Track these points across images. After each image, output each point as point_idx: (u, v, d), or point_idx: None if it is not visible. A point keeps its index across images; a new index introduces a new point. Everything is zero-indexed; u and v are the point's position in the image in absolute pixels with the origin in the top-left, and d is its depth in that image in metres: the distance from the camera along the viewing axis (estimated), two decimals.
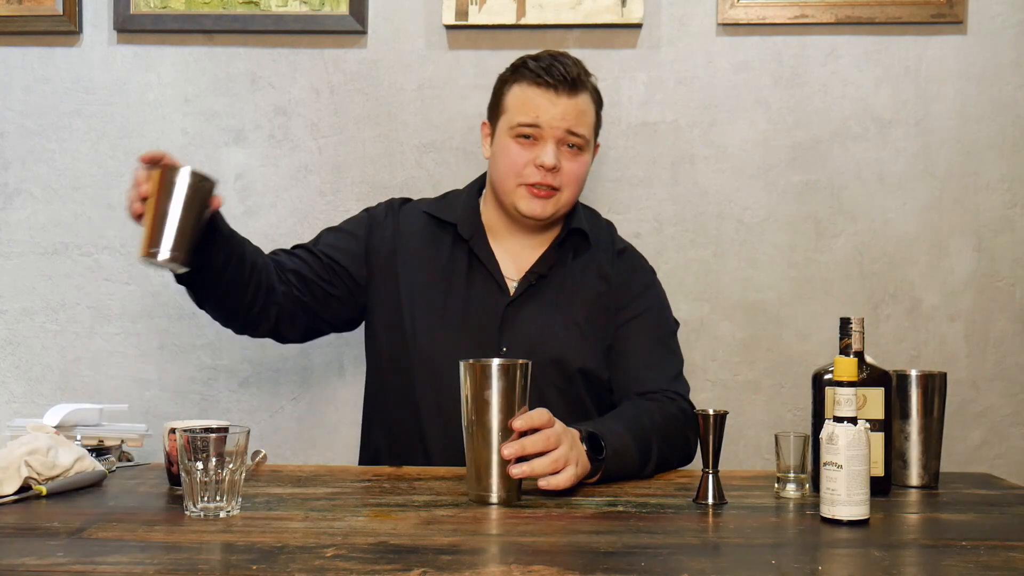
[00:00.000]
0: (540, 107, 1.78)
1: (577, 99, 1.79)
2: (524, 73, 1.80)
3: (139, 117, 2.34)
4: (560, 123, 1.78)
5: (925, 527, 1.37)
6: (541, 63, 1.79)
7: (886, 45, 2.27)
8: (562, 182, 1.80)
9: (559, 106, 1.78)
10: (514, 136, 1.80)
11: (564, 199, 1.83)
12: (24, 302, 2.35)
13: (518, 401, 1.44)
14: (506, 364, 1.44)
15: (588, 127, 1.82)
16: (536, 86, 1.79)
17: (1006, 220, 2.26)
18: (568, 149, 1.80)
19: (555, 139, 1.78)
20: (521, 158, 1.79)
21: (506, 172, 1.82)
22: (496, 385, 1.43)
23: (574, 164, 1.81)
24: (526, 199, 1.81)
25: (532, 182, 1.79)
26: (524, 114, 1.79)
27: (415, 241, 1.88)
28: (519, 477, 1.42)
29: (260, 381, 2.31)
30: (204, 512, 1.33)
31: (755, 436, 2.28)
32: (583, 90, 1.81)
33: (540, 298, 1.84)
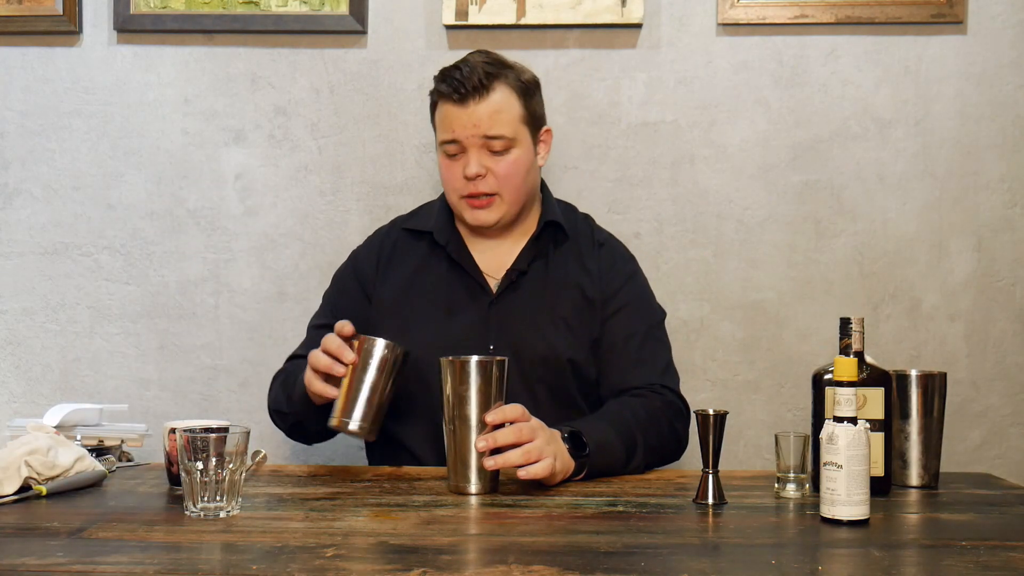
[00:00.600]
0: (453, 121, 1.80)
1: (487, 102, 1.79)
2: (436, 90, 1.84)
3: (139, 117, 2.34)
4: (473, 131, 1.79)
5: (925, 527, 1.37)
6: (446, 79, 1.81)
7: (886, 45, 2.27)
8: (495, 186, 1.82)
9: (470, 115, 1.79)
10: (443, 154, 1.84)
11: (507, 201, 1.84)
12: (24, 302, 2.35)
13: (495, 396, 1.50)
14: (484, 360, 1.51)
15: (508, 124, 1.81)
16: (447, 102, 1.81)
17: (1006, 220, 2.26)
18: (492, 153, 1.81)
19: (475, 147, 1.80)
20: (453, 172, 1.83)
21: (447, 189, 1.87)
22: (474, 381, 1.49)
23: (502, 165, 1.81)
24: (468, 211, 1.84)
25: (466, 193, 1.82)
26: (444, 131, 1.82)
27: (396, 257, 1.91)
28: (491, 469, 1.48)
29: (260, 381, 2.31)
30: (204, 512, 1.33)
31: (755, 436, 2.28)
32: (492, 90, 1.79)
33: (523, 294, 1.85)
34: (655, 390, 1.80)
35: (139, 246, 2.34)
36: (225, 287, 2.33)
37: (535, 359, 1.81)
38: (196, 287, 2.34)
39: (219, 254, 2.33)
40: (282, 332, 2.31)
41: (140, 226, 2.34)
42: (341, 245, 2.30)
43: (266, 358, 2.31)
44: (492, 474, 1.50)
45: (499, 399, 1.51)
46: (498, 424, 1.49)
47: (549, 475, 1.50)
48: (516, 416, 1.50)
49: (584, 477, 1.60)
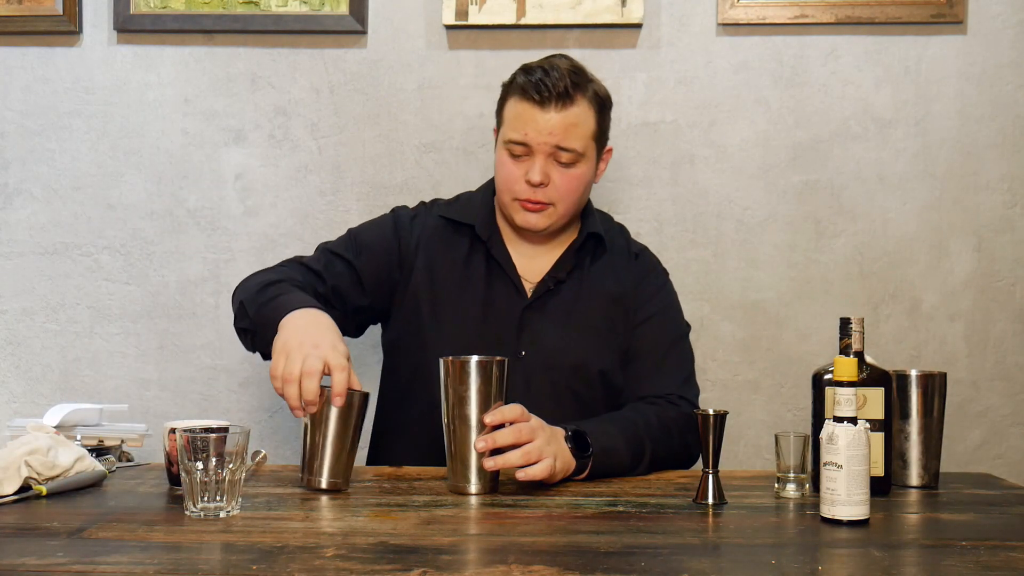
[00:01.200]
0: (528, 123, 1.76)
1: (567, 112, 1.76)
2: (516, 87, 1.80)
3: (139, 117, 2.34)
4: (547, 139, 1.76)
5: (925, 527, 1.37)
6: (531, 76, 1.77)
7: (886, 45, 2.27)
8: (554, 196, 1.79)
9: (547, 122, 1.75)
10: (507, 150, 1.80)
11: (560, 212, 1.82)
12: (24, 302, 2.35)
13: (495, 396, 1.50)
14: (484, 360, 1.50)
15: (581, 139, 1.78)
16: (525, 101, 1.77)
17: (1006, 220, 2.26)
18: (558, 163, 1.79)
19: (544, 154, 1.77)
20: (512, 173, 1.80)
21: (501, 186, 1.83)
22: (473, 381, 1.49)
23: (566, 178, 1.79)
24: (520, 213, 1.81)
25: (523, 198, 1.80)
26: (515, 130, 1.78)
27: (434, 243, 1.87)
28: (491, 470, 1.47)
29: (260, 381, 2.31)
30: (204, 512, 1.33)
31: (755, 436, 2.28)
32: (574, 102, 1.77)
33: (558, 302, 1.84)
34: (672, 400, 1.79)
35: (139, 246, 2.34)
36: (225, 287, 2.33)
37: (566, 368, 1.80)
38: (196, 287, 2.34)
39: (219, 254, 2.33)
40: None
41: (140, 226, 2.34)
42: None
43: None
44: (492, 474, 1.50)
45: (499, 399, 1.51)
46: (497, 425, 1.49)
47: (548, 476, 1.50)
48: (515, 416, 1.50)
49: (585, 478, 1.60)
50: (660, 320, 1.88)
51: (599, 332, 1.84)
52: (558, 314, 1.83)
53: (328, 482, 1.49)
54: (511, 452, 1.47)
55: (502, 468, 1.48)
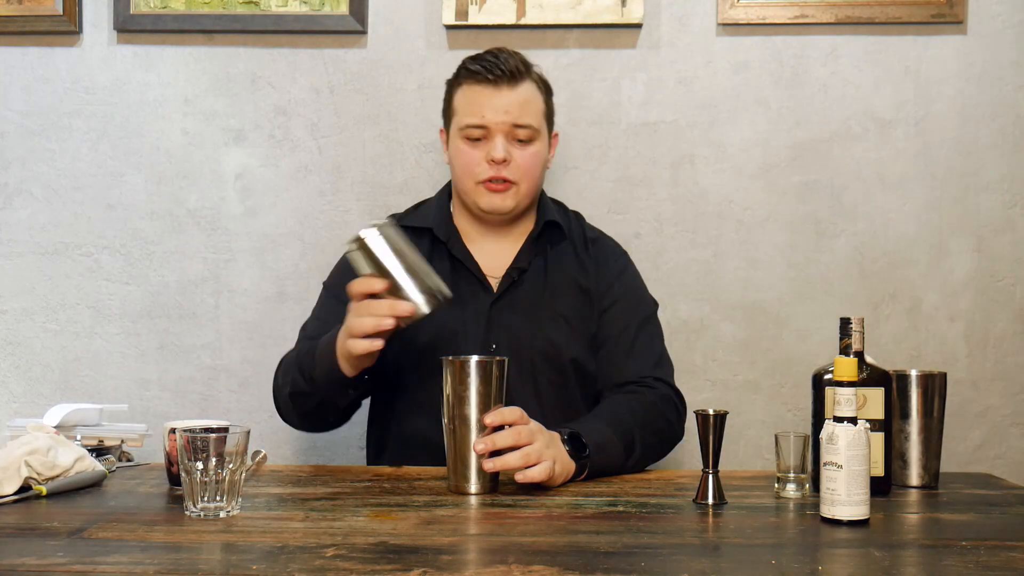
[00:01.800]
0: (484, 104, 1.81)
1: (518, 89, 1.82)
2: (465, 73, 1.85)
3: (139, 117, 2.34)
4: (504, 117, 1.80)
5: (925, 527, 1.37)
6: (479, 61, 1.83)
7: (886, 45, 2.27)
8: (517, 174, 1.83)
9: (503, 99, 1.80)
10: (464, 137, 1.84)
11: (523, 190, 1.85)
12: (24, 302, 2.35)
13: (495, 396, 1.50)
14: (484, 360, 1.51)
15: (534, 116, 1.84)
16: (477, 83, 1.82)
17: (1006, 220, 2.26)
18: (518, 142, 1.83)
19: (502, 133, 1.81)
20: (473, 157, 1.83)
21: (462, 172, 1.85)
22: (474, 381, 1.50)
23: (525, 155, 1.83)
24: (485, 195, 1.84)
25: (486, 178, 1.82)
26: (470, 114, 1.82)
27: None
28: (491, 471, 1.48)
29: (260, 381, 2.31)
30: (204, 512, 1.33)
31: (755, 436, 2.28)
32: (524, 80, 1.83)
33: (524, 293, 1.86)
34: (648, 384, 1.81)
35: (139, 246, 2.34)
36: (225, 287, 2.33)
37: (537, 356, 1.82)
38: (196, 287, 2.34)
39: (219, 254, 2.33)
40: (282, 332, 2.31)
41: (140, 226, 2.34)
42: (341, 245, 2.29)
43: (266, 358, 2.31)
44: (492, 474, 1.50)
45: (499, 399, 1.52)
46: (497, 426, 1.49)
47: (548, 478, 1.50)
48: (515, 419, 1.50)
49: (585, 478, 1.60)
50: (625, 304, 1.89)
51: (568, 320, 1.86)
52: (525, 305, 1.85)
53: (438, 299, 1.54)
54: (510, 454, 1.48)
55: (501, 470, 1.48)
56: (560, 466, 1.53)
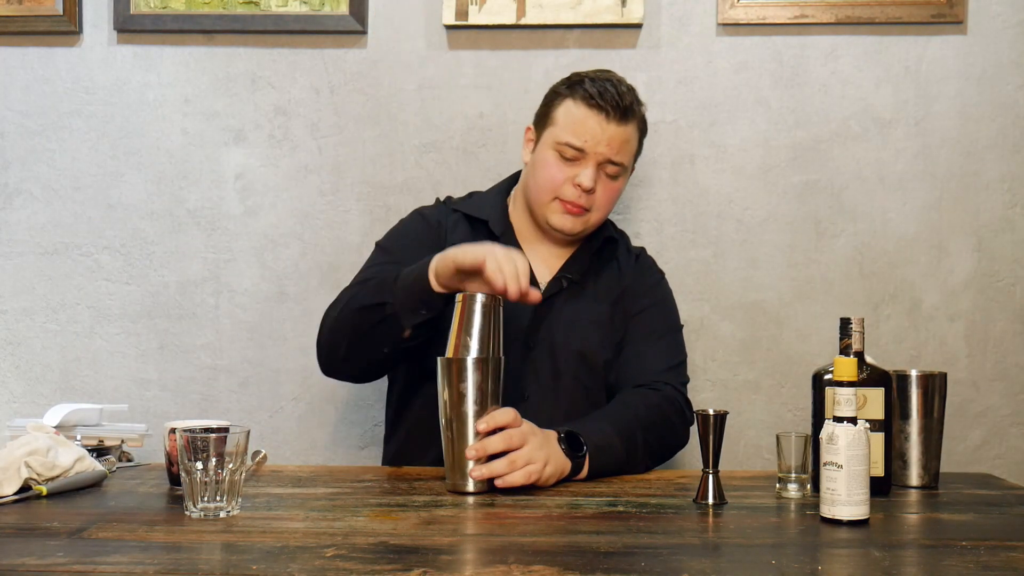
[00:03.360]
0: (588, 130, 1.81)
1: (625, 128, 1.83)
2: (579, 91, 1.83)
3: (139, 117, 2.34)
4: (605, 149, 1.81)
5: (925, 527, 1.37)
6: (597, 85, 1.82)
7: (886, 45, 2.26)
8: (594, 204, 1.85)
9: (607, 132, 1.81)
10: (557, 151, 1.83)
11: (593, 220, 1.87)
12: (24, 302, 2.35)
13: (491, 394, 1.51)
14: (480, 359, 1.51)
15: (629, 155, 1.87)
16: (588, 107, 1.81)
17: (1006, 220, 2.26)
18: (606, 175, 1.84)
19: (595, 163, 1.82)
20: (561, 174, 1.83)
21: (544, 184, 1.85)
22: (471, 379, 1.50)
23: (607, 189, 1.85)
24: (558, 214, 1.85)
25: (567, 199, 1.83)
26: (572, 134, 1.81)
27: (454, 238, 1.88)
28: (479, 479, 1.48)
29: (260, 381, 2.31)
30: (204, 512, 1.33)
31: (755, 436, 2.28)
32: (632, 119, 1.84)
33: (567, 301, 1.87)
34: (655, 386, 1.82)
35: (139, 246, 2.34)
36: (225, 287, 2.33)
37: (572, 358, 1.83)
38: (196, 287, 2.34)
39: (219, 254, 2.33)
40: (282, 332, 2.31)
41: (140, 226, 2.34)
42: (341, 245, 2.30)
43: (266, 358, 2.31)
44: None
45: (495, 398, 1.52)
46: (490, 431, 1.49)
47: (533, 482, 1.50)
48: (507, 422, 1.51)
49: (585, 478, 1.60)
50: (652, 311, 1.91)
51: (603, 327, 1.88)
52: (567, 312, 1.86)
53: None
54: (497, 461, 1.48)
55: (488, 477, 1.48)
56: (553, 466, 1.53)
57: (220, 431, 1.35)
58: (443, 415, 1.53)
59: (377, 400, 2.23)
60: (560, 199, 1.84)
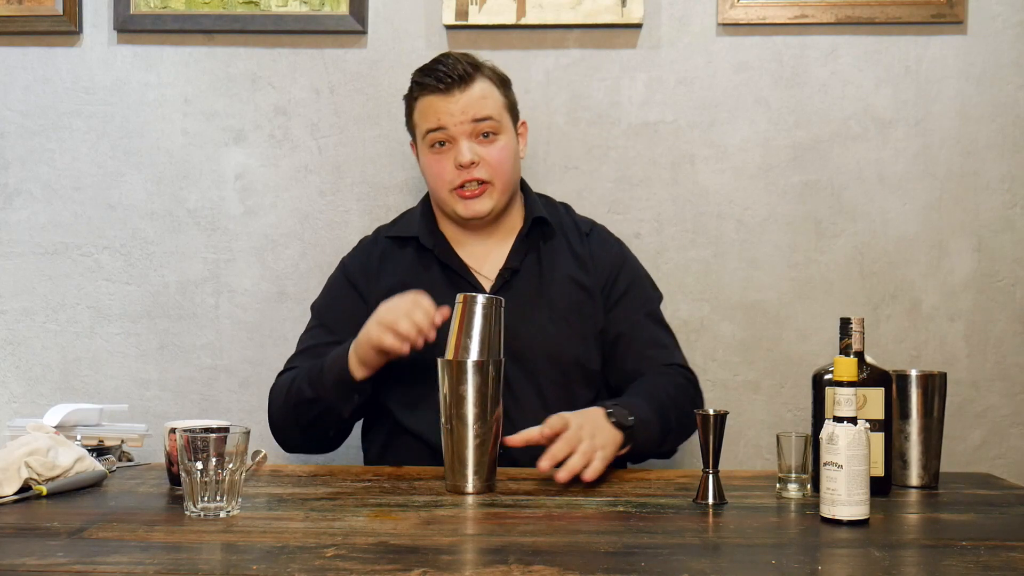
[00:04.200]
0: (440, 110, 1.82)
1: (471, 89, 1.82)
2: (417, 86, 1.86)
3: (139, 117, 2.34)
4: (461, 116, 1.81)
5: (925, 527, 1.37)
6: (428, 73, 1.84)
7: (886, 45, 2.26)
8: (488, 173, 1.83)
9: (456, 103, 1.81)
10: (429, 146, 1.85)
11: (499, 188, 1.85)
12: (24, 302, 2.35)
13: (492, 396, 1.52)
14: (480, 361, 1.51)
15: (494, 109, 1.84)
16: (430, 93, 1.83)
17: (1006, 220, 2.26)
18: (483, 138, 1.83)
19: (465, 135, 1.82)
20: (442, 165, 1.84)
21: (435, 183, 1.86)
22: (471, 381, 1.50)
23: (493, 150, 1.83)
24: (461, 203, 1.84)
25: (458, 184, 1.82)
26: (428, 121, 1.83)
27: (385, 266, 1.91)
28: (563, 481, 1.50)
29: (260, 381, 2.31)
30: (204, 512, 1.33)
31: (755, 436, 2.28)
32: (475, 79, 1.83)
33: (519, 292, 1.85)
34: (675, 369, 1.84)
35: (139, 246, 2.34)
36: (225, 287, 2.33)
37: (539, 358, 1.81)
38: (196, 287, 2.34)
39: (219, 254, 2.33)
40: (282, 332, 2.31)
41: (140, 226, 2.34)
42: (341, 245, 2.30)
43: (266, 358, 2.31)
44: (489, 473, 1.52)
45: (496, 399, 1.53)
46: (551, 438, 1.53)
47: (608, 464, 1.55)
48: (562, 427, 1.53)
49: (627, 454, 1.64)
50: (633, 296, 1.90)
51: (567, 317, 1.85)
52: (522, 304, 1.83)
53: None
54: (572, 459, 1.50)
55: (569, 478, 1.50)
56: (612, 445, 1.57)
57: (220, 431, 1.35)
58: (443, 416, 1.53)
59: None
60: (454, 189, 1.83)
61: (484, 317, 1.54)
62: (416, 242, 1.89)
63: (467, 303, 1.55)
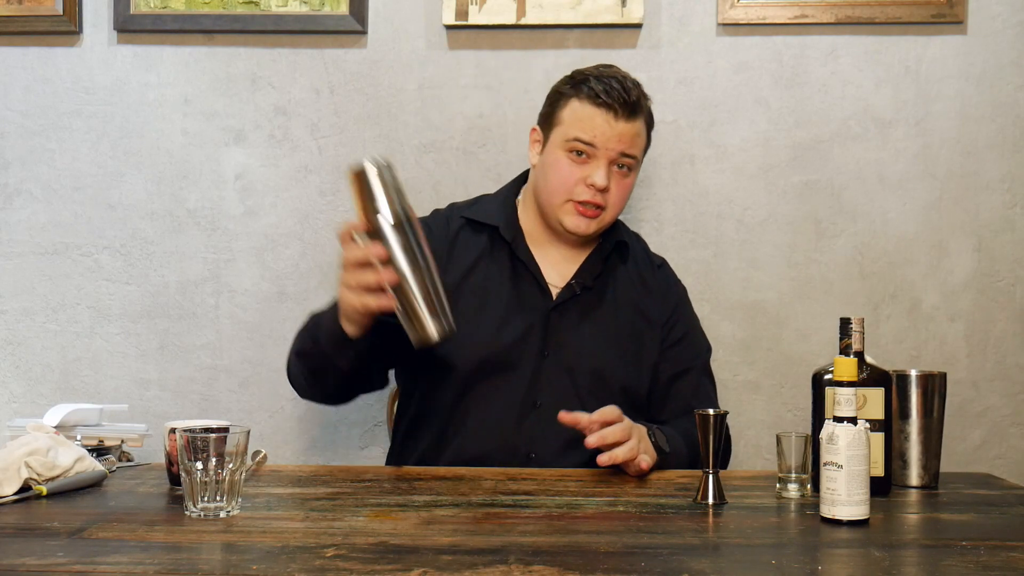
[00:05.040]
0: (598, 127, 1.79)
1: (634, 123, 1.82)
2: (584, 90, 1.81)
3: (139, 117, 2.34)
4: (616, 145, 1.79)
5: (925, 527, 1.37)
6: (603, 82, 1.80)
7: (886, 45, 2.26)
8: (608, 202, 1.83)
9: (616, 128, 1.79)
10: (567, 150, 1.81)
11: (608, 218, 1.85)
12: (24, 302, 2.35)
13: (416, 245, 1.56)
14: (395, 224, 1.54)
15: (640, 149, 1.86)
16: (596, 105, 1.79)
17: (1006, 220, 2.26)
18: (618, 169, 1.82)
19: (608, 159, 1.80)
20: (572, 175, 1.81)
21: (556, 186, 1.82)
22: (395, 241, 1.54)
23: (622, 185, 1.84)
24: (572, 216, 1.82)
25: (581, 200, 1.81)
26: (581, 131, 1.79)
27: (458, 244, 1.87)
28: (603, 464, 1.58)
29: (260, 381, 2.31)
30: (204, 512, 1.33)
31: (755, 436, 2.28)
32: (640, 114, 1.83)
33: (583, 308, 1.86)
34: None
35: (139, 246, 2.34)
36: (225, 287, 2.33)
37: (587, 378, 1.82)
38: (196, 287, 2.34)
39: (219, 254, 2.33)
40: (282, 332, 2.31)
41: (140, 226, 2.34)
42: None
43: (266, 358, 2.31)
44: (443, 313, 1.56)
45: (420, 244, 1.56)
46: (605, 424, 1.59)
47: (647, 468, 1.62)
48: (615, 417, 1.60)
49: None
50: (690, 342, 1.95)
51: (623, 342, 1.86)
52: (582, 319, 1.84)
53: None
54: (619, 448, 1.58)
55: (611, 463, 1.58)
56: (651, 460, 1.63)
57: (220, 431, 1.35)
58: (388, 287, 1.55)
59: (377, 400, 2.23)
60: (573, 200, 1.81)
61: (382, 181, 1.56)
62: (493, 231, 1.87)
63: (359, 177, 1.56)
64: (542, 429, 1.77)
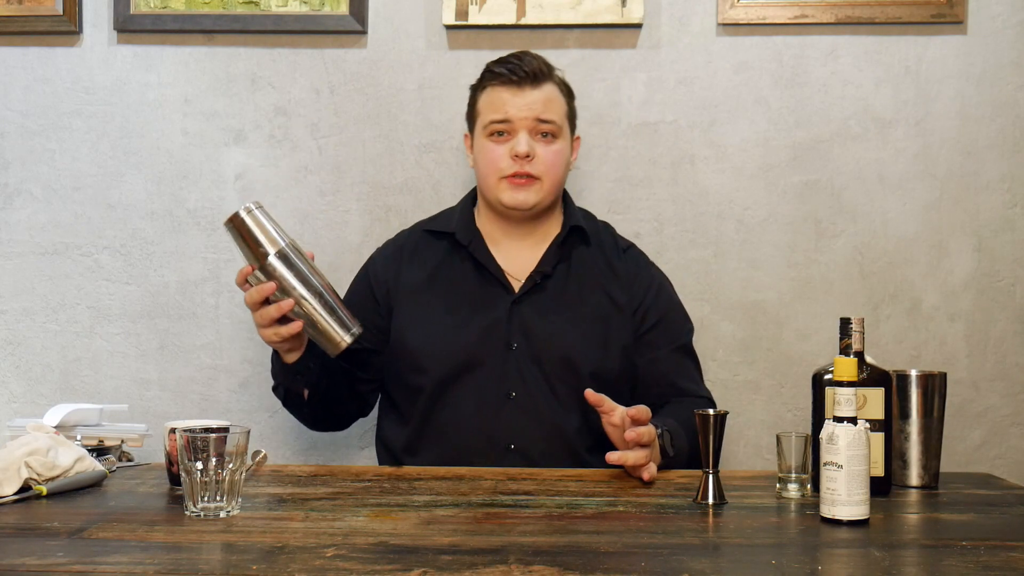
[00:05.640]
0: (507, 102, 1.86)
1: (542, 89, 1.88)
2: (489, 76, 1.90)
3: (139, 117, 2.34)
4: (528, 113, 1.85)
5: (925, 527, 1.37)
6: (503, 64, 1.89)
7: (886, 45, 2.26)
8: (540, 170, 1.87)
9: (525, 98, 1.86)
10: (488, 135, 1.88)
11: (546, 187, 1.88)
12: (24, 302, 2.35)
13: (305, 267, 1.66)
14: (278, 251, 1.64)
15: (558, 114, 1.89)
16: (501, 85, 1.88)
17: (1006, 220, 2.26)
18: (542, 138, 1.87)
19: (526, 129, 1.86)
20: (497, 152, 1.87)
21: (486, 169, 1.89)
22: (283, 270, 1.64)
23: (549, 151, 1.88)
24: (508, 191, 1.87)
25: (510, 173, 1.86)
26: (494, 112, 1.87)
27: (417, 256, 1.95)
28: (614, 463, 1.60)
29: (260, 381, 2.31)
30: (204, 512, 1.33)
31: (755, 436, 2.28)
32: (547, 81, 1.89)
33: (546, 297, 1.88)
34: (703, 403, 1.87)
35: (139, 246, 2.34)
36: (225, 287, 2.33)
37: (556, 364, 1.84)
38: (196, 287, 2.34)
39: (219, 254, 2.33)
40: None
41: (140, 226, 2.34)
42: (341, 245, 2.30)
43: (266, 358, 2.30)
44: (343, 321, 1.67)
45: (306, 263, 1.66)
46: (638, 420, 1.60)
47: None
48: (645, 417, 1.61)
49: None
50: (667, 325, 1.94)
51: (588, 327, 1.87)
52: (546, 307, 1.87)
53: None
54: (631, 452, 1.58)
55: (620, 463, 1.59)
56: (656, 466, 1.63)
57: (220, 431, 1.35)
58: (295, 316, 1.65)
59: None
60: (504, 177, 1.86)
61: (255, 222, 1.64)
62: (451, 237, 1.93)
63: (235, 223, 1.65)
64: (519, 419, 1.81)
